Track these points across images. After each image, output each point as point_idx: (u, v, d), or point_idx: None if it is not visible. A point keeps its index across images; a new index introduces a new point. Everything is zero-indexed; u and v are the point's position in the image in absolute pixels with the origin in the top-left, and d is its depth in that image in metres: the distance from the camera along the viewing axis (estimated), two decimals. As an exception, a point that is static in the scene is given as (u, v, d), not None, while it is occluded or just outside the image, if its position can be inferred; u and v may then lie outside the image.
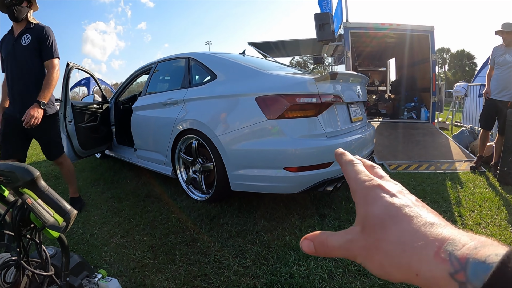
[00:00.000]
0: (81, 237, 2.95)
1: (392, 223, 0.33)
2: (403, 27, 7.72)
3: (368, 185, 0.37)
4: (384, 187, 0.37)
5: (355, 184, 0.39)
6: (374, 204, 0.35)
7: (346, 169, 0.42)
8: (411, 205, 0.34)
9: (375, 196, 0.36)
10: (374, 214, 0.34)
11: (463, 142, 6.53)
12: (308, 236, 0.40)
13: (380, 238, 0.33)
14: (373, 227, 0.34)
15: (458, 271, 0.27)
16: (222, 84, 3.46)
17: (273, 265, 2.35)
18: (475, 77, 12.49)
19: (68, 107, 4.51)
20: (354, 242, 0.36)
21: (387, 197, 0.35)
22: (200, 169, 3.60)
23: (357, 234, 0.36)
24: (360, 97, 3.78)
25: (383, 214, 0.34)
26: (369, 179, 0.38)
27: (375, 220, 0.34)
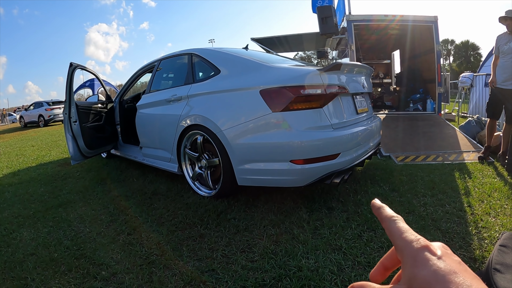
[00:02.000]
0: (88, 236, 2.96)
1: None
2: (406, 18, 7.64)
3: (417, 246, 0.38)
4: (432, 249, 0.38)
5: (402, 243, 0.40)
6: (423, 267, 0.36)
7: (389, 226, 0.43)
8: (457, 272, 0.35)
9: (424, 259, 0.37)
10: (423, 278, 0.35)
11: (470, 132, 6.46)
12: (355, 285, 0.42)
13: None
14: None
15: None
16: (225, 79, 3.44)
17: (281, 259, 2.32)
18: (481, 67, 12.36)
19: (72, 107, 4.53)
20: None
21: (435, 261, 0.36)
22: (206, 165, 3.59)
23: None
24: (365, 88, 3.75)
25: (431, 279, 0.35)
26: (416, 239, 0.39)
27: (423, 284, 0.35)
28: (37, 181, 5.17)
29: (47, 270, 2.42)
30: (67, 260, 2.53)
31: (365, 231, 2.66)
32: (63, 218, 3.41)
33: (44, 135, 13.89)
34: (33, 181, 5.16)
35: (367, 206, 3.12)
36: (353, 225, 2.76)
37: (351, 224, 2.78)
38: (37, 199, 4.16)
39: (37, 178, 5.39)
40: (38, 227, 3.25)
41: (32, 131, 17.88)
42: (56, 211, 3.65)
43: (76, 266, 2.45)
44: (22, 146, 10.40)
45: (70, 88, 4.52)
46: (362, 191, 3.56)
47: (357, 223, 2.80)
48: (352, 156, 3.13)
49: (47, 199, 4.14)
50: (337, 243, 2.49)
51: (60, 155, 7.66)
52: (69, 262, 2.51)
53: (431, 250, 0.38)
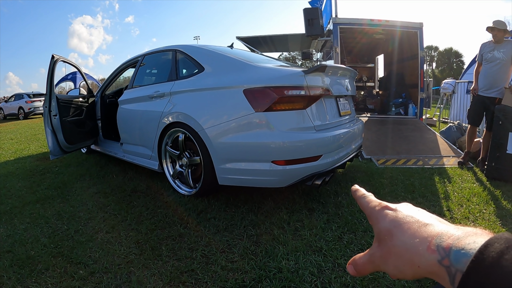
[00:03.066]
0: (66, 233, 2.90)
1: (397, 231, 0.42)
2: (392, 23, 7.73)
3: (378, 208, 0.48)
4: (389, 207, 0.47)
5: (369, 211, 0.49)
6: (383, 221, 0.45)
7: (361, 201, 0.52)
8: (411, 215, 0.43)
9: (383, 215, 0.46)
10: (384, 228, 0.44)
11: (450, 138, 6.57)
12: (350, 261, 0.49)
13: (390, 245, 0.42)
14: (385, 238, 0.44)
15: (444, 258, 0.36)
16: (209, 77, 3.41)
17: (261, 260, 2.32)
18: (463, 74, 12.55)
19: (53, 101, 4.45)
20: (374, 255, 0.45)
21: (391, 213, 0.45)
22: (187, 163, 3.56)
23: (375, 248, 0.45)
24: (349, 91, 3.77)
25: (390, 226, 0.44)
26: (378, 203, 0.49)
27: (385, 232, 0.44)
28: (15, 175, 5.06)
29: (23, 268, 2.37)
30: (44, 258, 2.48)
31: (345, 233, 2.67)
32: (41, 215, 3.33)
33: (23, 128, 13.60)
34: (10, 176, 5.05)
35: (348, 208, 3.14)
36: (334, 226, 2.77)
37: (331, 226, 2.79)
38: (14, 194, 4.07)
39: (15, 172, 5.27)
40: (15, 224, 3.17)
41: (12, 123, 17.50)
42: (33, 207, 3.57)
43: (53, 264, 2.39)
44: (0, 139, 10.15)
45: (51, 80, 4.43)
46: (343, 193, 3.58)
47: (337, 225, 2.81)
48: (334, 158, 3.15)
49: (24, 194, 4.05)
50: (317, 245, 2.50)
51: (39, 149, 7.51)
52: (46, 260, 2.45)
53: (389, 207, 0.47)
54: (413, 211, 0.45)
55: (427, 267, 0.37)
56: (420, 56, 7.73)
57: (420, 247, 0.38)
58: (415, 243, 0.39)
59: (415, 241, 0.39)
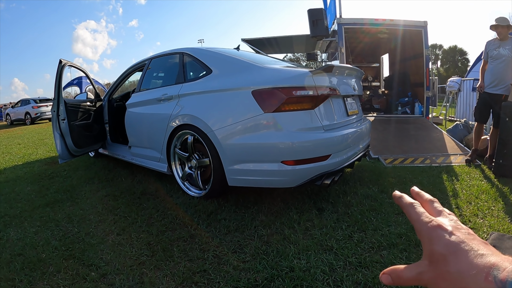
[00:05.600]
0: (77, 236, 2.92)
1: (453, 258, 0.42)
2: (396, 22, 7.70)
3: (431, 226, 0.46)
4: (443, 227, 0.46)
5: (419, 225, 0.48)
6: (437, 244, 0.44)
7: (409, 212, 0.51)
8: (466, 241, 0.43)
9: (437, 236, 0.45)
10: (439, 252, 0.43)
11: (457, 136, 6.55)
12: (386, 271, 0.49)
13: (444, 271, 0.42)
14: (438, 262, 0.43)
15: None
16: (217, 79, 3.43)
17: (273, 259, 2.32)
18: (468, 72, 12.53)
19: (61, 105, 4.47)
20: (424, 274, 0.45)
21: (447, 236, 0.44)
22: (196, 165, 3.57)
23: (425, 267, 0.45)
24: (356, 91, 3.77)
25: (445, 252, 0.43)
26: (430, 220, 0.47)
27: (439, 257, 0.43)
28: (24, 179, 5.10)
29: (35, 271, 2.39)
30: (56, 261, 2.50)
31: (355, 232, 2.68)
32: (51, 218, 3.36)
33: (30, 133, 13.70)
34: (19, 180, 5.09)
35: (357, 207, 3.15)
36: (344, 226, 2.78)
37: (341, 225, 2.79)
38: (23, 198, 4.10)
39: (23, 176, 5.31)
40: (25, 227, 3.20)
41: (19, 128, 17.62)
42: (43, 210, 3.60)
43: (65, 267, 2.41)
44: (8, 144, 10.24)
45: (59, 85, 4.46)
46: (351, 192, 3.58)
47: (347, 224, 2.82)
48: (343, 157, 3.15)
49: (34, 198, 4.08)
50: (328, 244, 2.50)
51: (47, 153, 7.57)
52: (58, 263, 2.47)
53: (443, 227, 0.45)
54: (466, 236, 0.44)
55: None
56: (425, 55, 7.69)
57: (477, 277, 0.39)
58: (472, 274, 0.39)
59: (472, 272, 0.39)
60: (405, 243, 2.45)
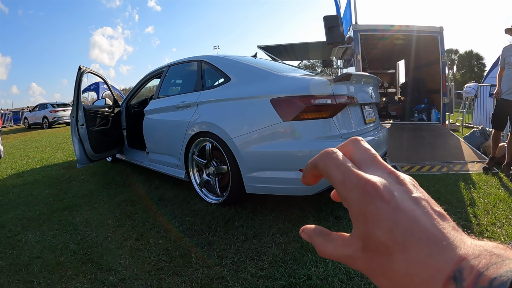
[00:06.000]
0: (95, 240, 2.97)
1: (398, 251, 0.28)
2: (412, 28, 7.67)
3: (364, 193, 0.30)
4: (385, 196, 0.29)
5: (344, 190, 0.31)
6: (376, 225, 0.29)
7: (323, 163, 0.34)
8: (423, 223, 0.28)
9: (375, 212, 0.29)
10: (377, 238, 0.29)
11: (474, 143, 6.47)
12: (305, 230, 0.35)
13: (385, 266, 0.29)
14: (377, 251, 0.29)
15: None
16: (236, 87, 3.46)
17: (290, 267, 2.33)
18: (485, 78, 12.38)
19: (80, 111, 4.55)
20: (354, 259, 0.31)
21: (390, 213, 0.29)
22: (214, 172, 3.59)
23: (357, 252, 0.30)
24: (373, 99, 3.77)
25: (388, 240, 0.28)
26: (363, 181, 0.30)
27: (378, 244, 0.29)
28: (42, 183, 5.19)
29: (53, 274, 2.43)
30: (74, 265, 2.54)
31: (373, 240, 2.66)
32: (69, 222, 3.42)
33: (48, 137, 13.92)
34: (37, 183, 5.18)
35: (374, 216, 3.13)
36: (361, 234, 2.76)
37: (358, 234, 2.78)
38: (41, 202, 4.18)
39: (41, 180, 5.40)
40: (43, 230, 3.26)
41: (36, 132, 17.92)
42: (61, 214, 3.66)
43: (83, 270, 2.45)
44: (26, 147, 10.42)
45: (78, 91, 4.54)
46: (368, 200, 3.55)
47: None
48: None
49: (52, 201, 4.15)
50: (345, 252, 2.49)
51: (65, 157, 7.68)
52: (76, 266, 2.51)
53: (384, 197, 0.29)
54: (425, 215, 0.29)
55: None
56: (441, 61, 7.62)
57: (432, 283, 0.27)
58: (425, 278, 0.27)
59: (425, 275, 0.27)
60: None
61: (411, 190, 0.31)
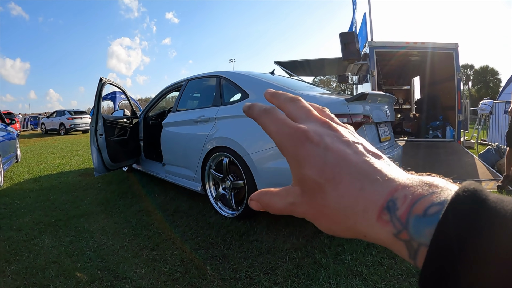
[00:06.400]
0: (111, 248, 3.03)
1: (330, 187, 0.30)
2: (427, 45, 7.68)
3: (296, 137, 0.32)
4: (314, 138, 0.32)
5: (279, 137, 0.34)
6: (307, 166, 0.31)
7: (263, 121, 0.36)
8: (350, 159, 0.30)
9: (306, 154, 0.31)
10: (310, 178, 0.31)
11: (489, 160, 6.43)
12: (253, 196, 0.37)
13: (321, 204, 0.31)
14: (312, 191, 0.31)
15: (401, 231, 0.26)
16: None
17: (304, 282, 2.37)
18: (500, 94, 12.29)
19: (99, 121, 4.65)
20: (296, 205, 0.33)
21: (319, 153, 0.31)
22: (230, 186, 3.64)
23: (297, 197, 0.33)
24: (388, 117, 3.81)
25: (319, 178, 0.30)
26: (294, 128, 0.33)
27: (312, 184, 0.31)
28: (58, 189, 5.29)
29: (69, 279, 2.49)
30: (90, 271, 2.60)
31: (385, 258, 2.69)
32: (85, 229, 3.49)
33: (64, 143, 14.12)
34: (54, 189, 5.28)
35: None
36: (374, 252, 2.79)
37: (371, 251, 2.80)
38: (58, 207, 4.26)
39: (58, 186, 5.51)
40: (60, 236, 3.33)
41: (53, 138, 18.17)
42: (78, 221, 3.74)
43: (99, 277, 2.51)
44: (43, 152, 10.59)
45: (98, 102, 4.65)
46: (381, 218, 3.57)
47: (377, 250, 2.83)
48: None
49: (68, 208, 4.23)
50: (358, 269, 2.53)
51: (81, 165, 7.80)
52: (92, 273, 2.57)
53: (313, 139, 0.32)
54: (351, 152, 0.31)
55: (378, 240, 0.28)
56: (456, 77, 7.60)
57: (366, 215, 0.28)
58: (359, 210, 0.28)
59: (359, 207, 0.28)
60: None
61: (343, 135, 0.33)
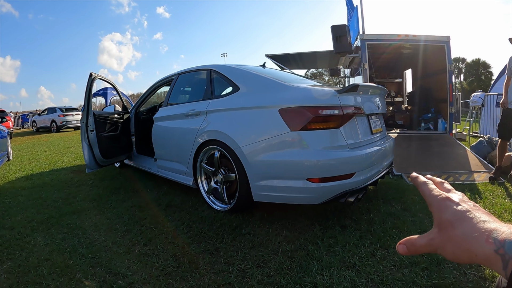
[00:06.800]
0: (104, 244, 3.00)
1: (459, 223, 0.49)
2: (418, 38, 7.67)
3: (440, 198, 0.54)
4: (451, 199, 0.53)
5: (431, 198, 0.55)
6: (445, 212, 0.52)
7: (422, 188, 0.59)
8: (470, 210, 0.50)
9: (445, 206, 0.52)
10: (446, 219, 0.51)
11: (481, 152, 6.46)
12: (401, 241, 0.56)
13: (451, 234, 0.49)
14: (446, 227, 0.51)
15: (499, 248, 0.43)
16: (245, 96, 3.51)
17: (296, 275, 2.36)
18: (492, 87, 12.36)
19: (90, 117, 4.62)
20: (434, 239, 0.52)
21: (454, 206, 0.52)
22: (222, 180, 3.63)
23: (435, 234, 0.52)
24: (380, 109, 3.81)
25: (452, 218, 0.50)
26: (439, 193, 0.55)
27: (447, 223, 0.51)
28: (50, 186, 5.24)
29: (62, 276, 2.46)
30: (83, 268, 2.57)
31: (378, 249, 2.69)
32: (78, 226, 3.46)
33: (56, 140, 14.00)
34: (46, 186, 5.23)
35: (380, 225, 3.16)
36: (366, 243, 2.80)
37: (364, 242, 2.81)
38: (50, 205, 4.22)
39: (50, 183, 5.45)
40: (52, 233, 3.29)
41: (44, 136, 18.01)
42: (70, 217, 3.70)
43: (92, 274, 2.49)
44: (35, 150, 10.50)
45: (89, 97, 4.61)
46: (374, 210, 3.59)
47: (370, 241, 2.83)
48: (367, 175, 3.18)
49: (60, 205, 4.19)
50: (351, 261, 2.53)
51: (73, 161, 7.75)
52: (85, 269, 2.55)
53: (451, 199, 0.53)
54: (471, 207, 0.51)
55: (484, 256, 0.45)
56: (448, 70, 7.62)
57: (479, 239, 0.46)
58: (475, 236, 0.46)
59: (474, 234, 0.47)
60: (427, 262, 2.45)
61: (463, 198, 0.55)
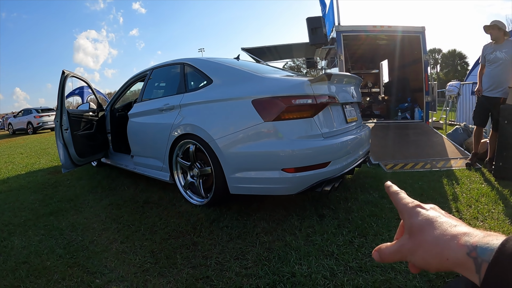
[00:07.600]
0: (81, 244, 2.96)
1: (429, 227, 0.49)
2: (394, 28, 7.75)
3: (411, 205, 0.55)
4: (422, 206, 0.54)
5: (402, 206, 0.56)
6: (416, 217, 0.52)
7: (394, 197, 0.59)
8: (441, 216, 0.51)
9: (416, 212, 0.53)
10: (417, 224, 0.51)
11: (457, 139, 6.58)
12: (376, 248, 0.57)
13: (421, 239, 0.50)
14: (416, 232, 0.51)
15: (472, 251, 0.43)
16: (218, 88, 3.48)
17: (274, 265, 2.36)
18: (468, 76, 12.58)
19: (64, 115, 4.53)
20: (404, 245, 0.53)
21: (424, 212, 0.53)
22: (198, 174, 3.61)
23: (406, 240, 0.53)
24: (355, 98, 3.82)
25: (422, 223, 0.51)
26: (411, 201, 0.56)
27: (417, 227, 0.51)
28: (27, 189, 5.14)
29: (40, 278, 2.42)
30: (60, 269, 2.53)
31: (356, 237, 2.71)
32: (55, 227, 3.40)
33: (33, 142, 13.74)
34: (23, 189, 5.13)
35: (358, 213, 3.18)
36: (344, 231, 2.81)
37: (342, 231, 2.82)
38: (27, 207, 4.13)
39: (27, 186, 5.35)
40: (30, 235, 3.23)
41: (21, 138, 17.67)
42: (47, 219, 3.64)
43: (69, 274, 2.44)
44: (11, 153, 10.29)
45: (62, 96, 4.52)
46: (352, 198, 3.62)
47: (348, 229, 2.85)
48: (342, 164, 3.19)
49: (37, 207, 4.11)
50: (329, 249, 2.54)
51: (50, 163, 7.61)
52: (63, 270, 2.50)
53: (421, 206, 0.54)
54: (442, 213, 0.53)
55: (456, 259, 0.45)
56: (423, 60, 7.72)
57: (450, 242, 0.46)
58: (446, 239, 0.46)
59: (446, 237, 0.47)
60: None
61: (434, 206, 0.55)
